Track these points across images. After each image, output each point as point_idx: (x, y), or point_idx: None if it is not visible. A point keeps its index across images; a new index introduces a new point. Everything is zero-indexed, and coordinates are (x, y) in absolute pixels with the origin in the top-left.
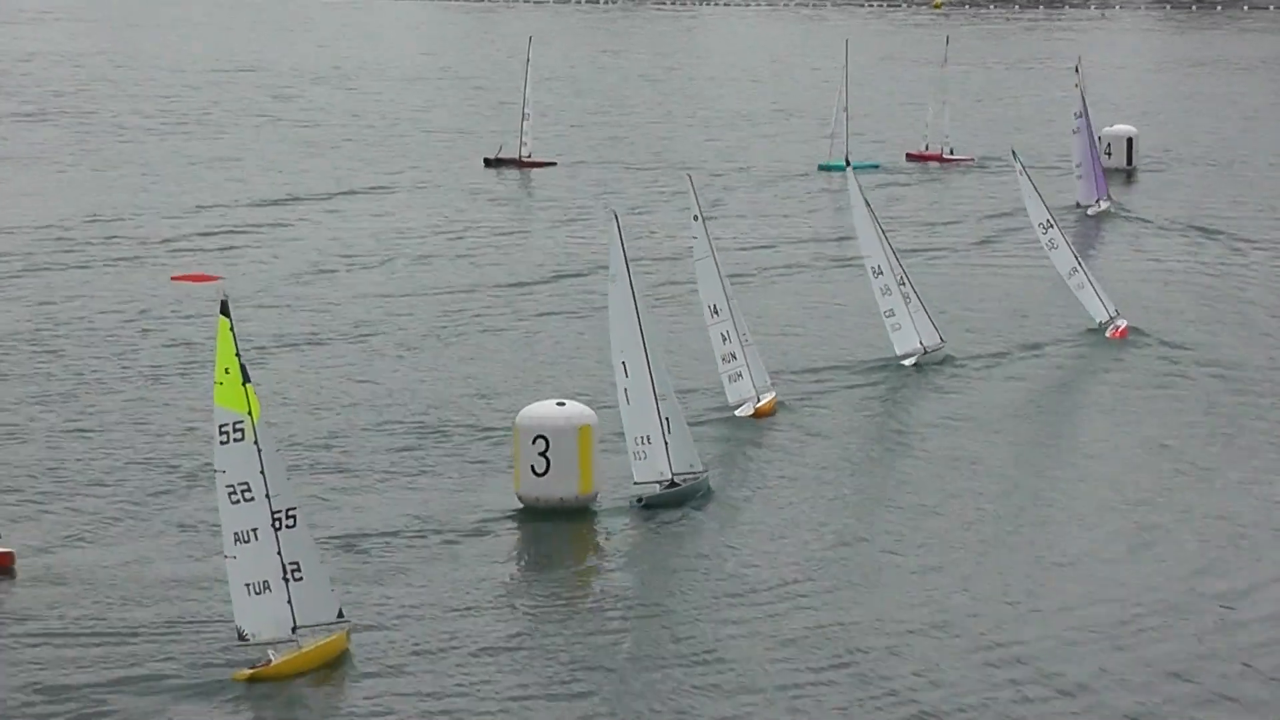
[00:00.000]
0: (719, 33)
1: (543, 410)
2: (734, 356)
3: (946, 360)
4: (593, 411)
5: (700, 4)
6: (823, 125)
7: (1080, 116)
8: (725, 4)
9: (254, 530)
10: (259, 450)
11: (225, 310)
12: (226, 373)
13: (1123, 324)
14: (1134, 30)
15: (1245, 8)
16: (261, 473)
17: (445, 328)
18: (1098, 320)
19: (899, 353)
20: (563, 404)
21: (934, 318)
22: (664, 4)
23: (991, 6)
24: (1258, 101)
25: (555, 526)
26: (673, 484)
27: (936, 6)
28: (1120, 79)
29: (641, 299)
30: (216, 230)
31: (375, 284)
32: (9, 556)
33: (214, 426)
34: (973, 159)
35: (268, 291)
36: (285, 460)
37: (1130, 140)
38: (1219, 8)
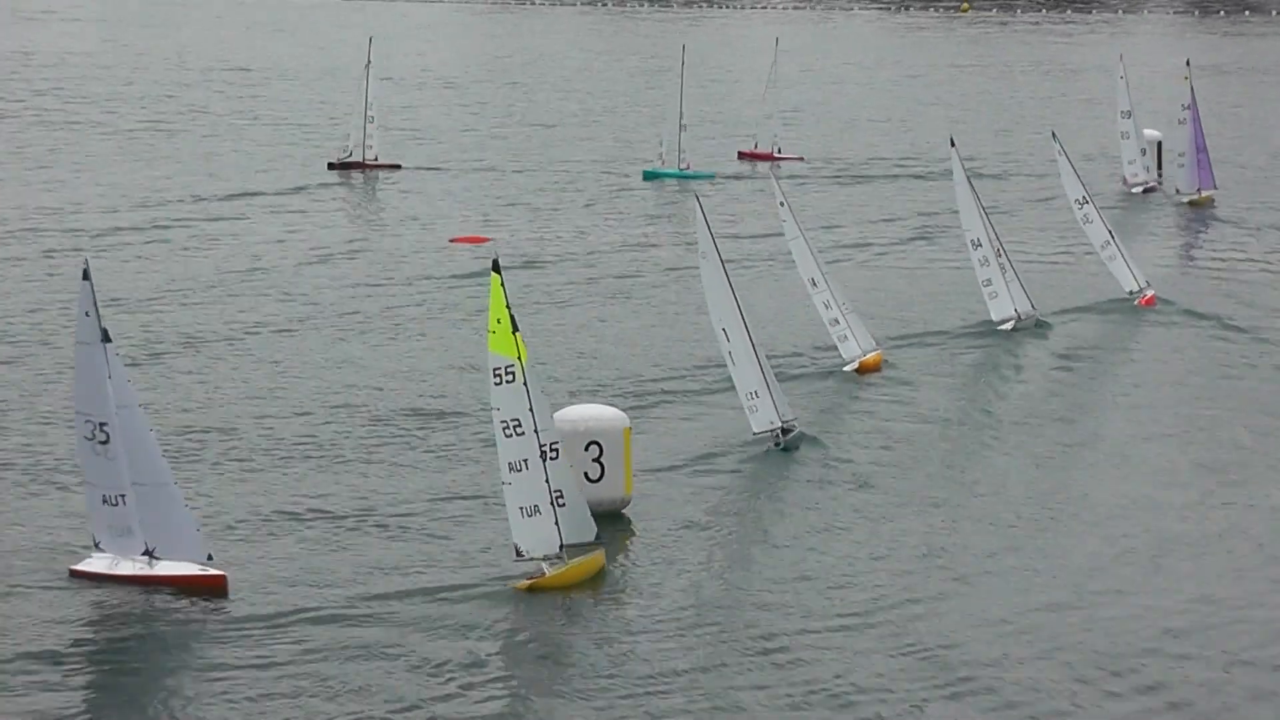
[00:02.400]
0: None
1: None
2: (838, 321)
3: (1039, 325)
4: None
5: (711, 6)
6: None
7: (1188, 109)
8: (743, 7)
9: (525, 460)
10: (527, 390)
11: (497, 268)
12: (499, 322)
13: (1151, 292)
14: (1162, 34)
15: (1275, 13)
16: (530, 410)
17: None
18: (1127, 290)
19: (995, 319)
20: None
21: (1026, 288)
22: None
23: (1018, 11)
24: None
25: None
26: (785, 430)
27: (964, 10)
28: (1149, 83)
29: (729, 272)
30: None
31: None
32: (221, 579)
33: (488, 370)
34: (802, 158)
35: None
36: (548, 400)
37: (1160, 144)
38: (1247, 13)
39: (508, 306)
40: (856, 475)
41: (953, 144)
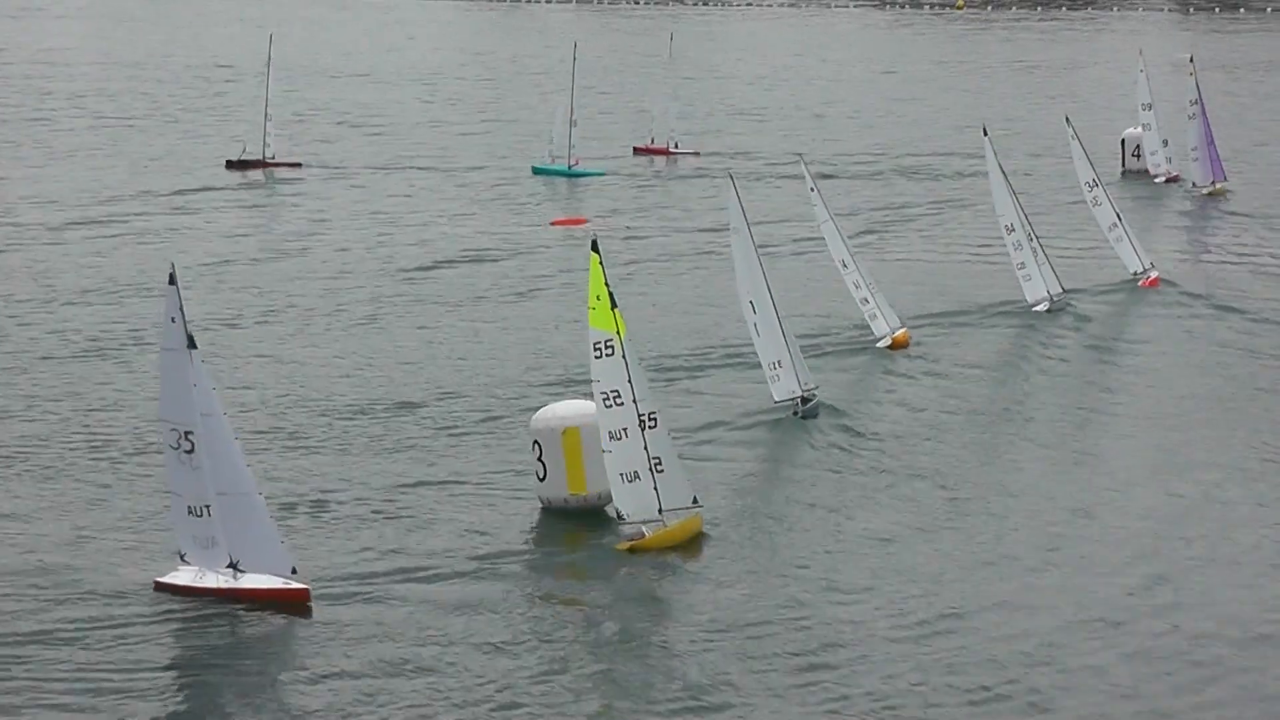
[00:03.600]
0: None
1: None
2: (867, 300)
3: (1069, 306)
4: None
5: (702, 4)
6: (546, 126)
7: (1196, 104)
8: (744, 4)
9: (624, 429)
10: (626, 363)
11: (595, 248)
12: (598, 299)
13: (1154, 274)
14: (1157, 31)
15: (1269, 10)
16: (629, 381)
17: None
18: (1132, 270)
19: (1030, 300)
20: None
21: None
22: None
23: (1014, 8)
24: None
25: None
26: (804, 399)
27: (959, 8)
28: (1136, 81)
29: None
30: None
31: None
32: (304, 592)
33: (589, 345)
34: (697, 152)
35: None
36: (646, 372)
37: (1138, 142)
38: (1241, 10)
39: (606, 284)
40: (873, 446)
41: (985, 133)
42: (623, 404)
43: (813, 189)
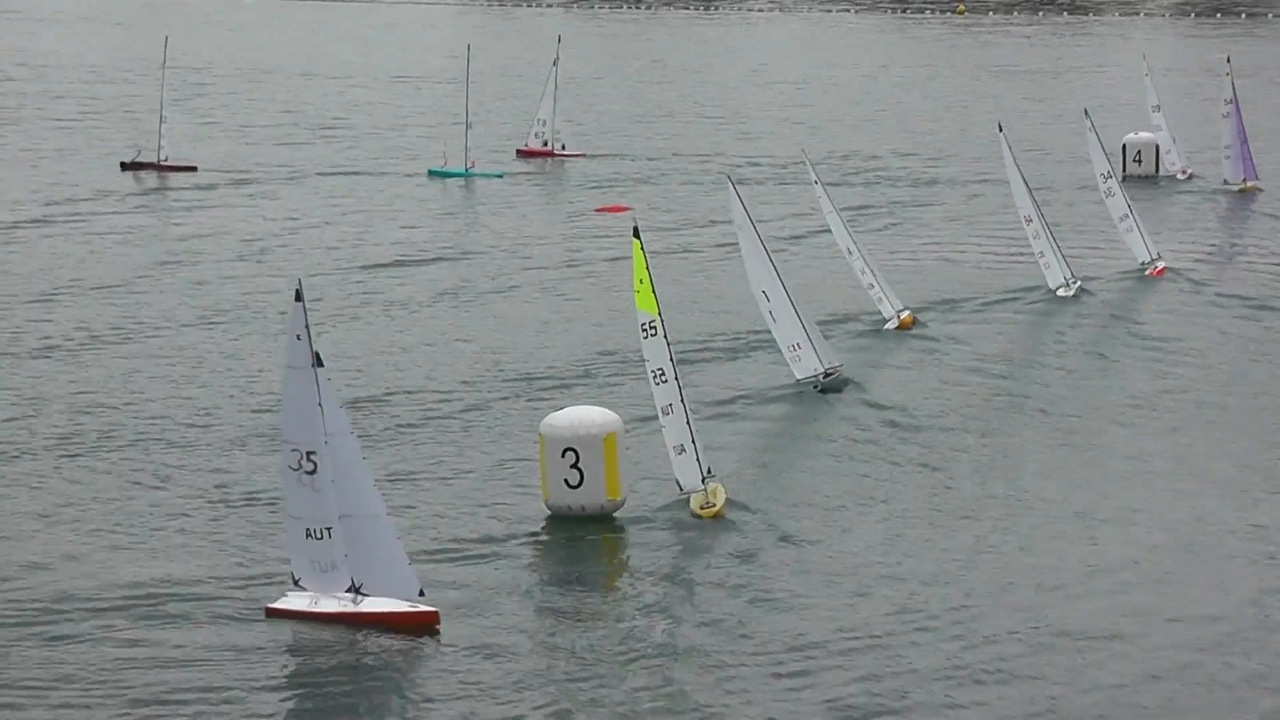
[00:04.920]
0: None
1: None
2: (873, 286)
3: (1081, 292)
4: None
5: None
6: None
7: (1231, 103)
8: (718, 7)
9: (670, 405)
10: (667, 342)
11: (637, 234)
12: (641, 283)
13: (1161, 264)
14: (1160, 37)
15: (1270, 15)
16: (670, 360)
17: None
18: (1139, 260)
19: (1051, 285)
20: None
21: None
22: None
23: (1015, 13)
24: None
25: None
26: (827, 374)
27: (960, 12)
28: (1143, 85)
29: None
30: None
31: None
32: (434, 615)
33: (637, 325)
34: (583, 154)
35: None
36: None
37: (1157, 148)
38: (1243, 15)
39: (648, 268)
40: (897, 421)
41: (1000, 129)
42: (667, 381)
43: (816, 181)
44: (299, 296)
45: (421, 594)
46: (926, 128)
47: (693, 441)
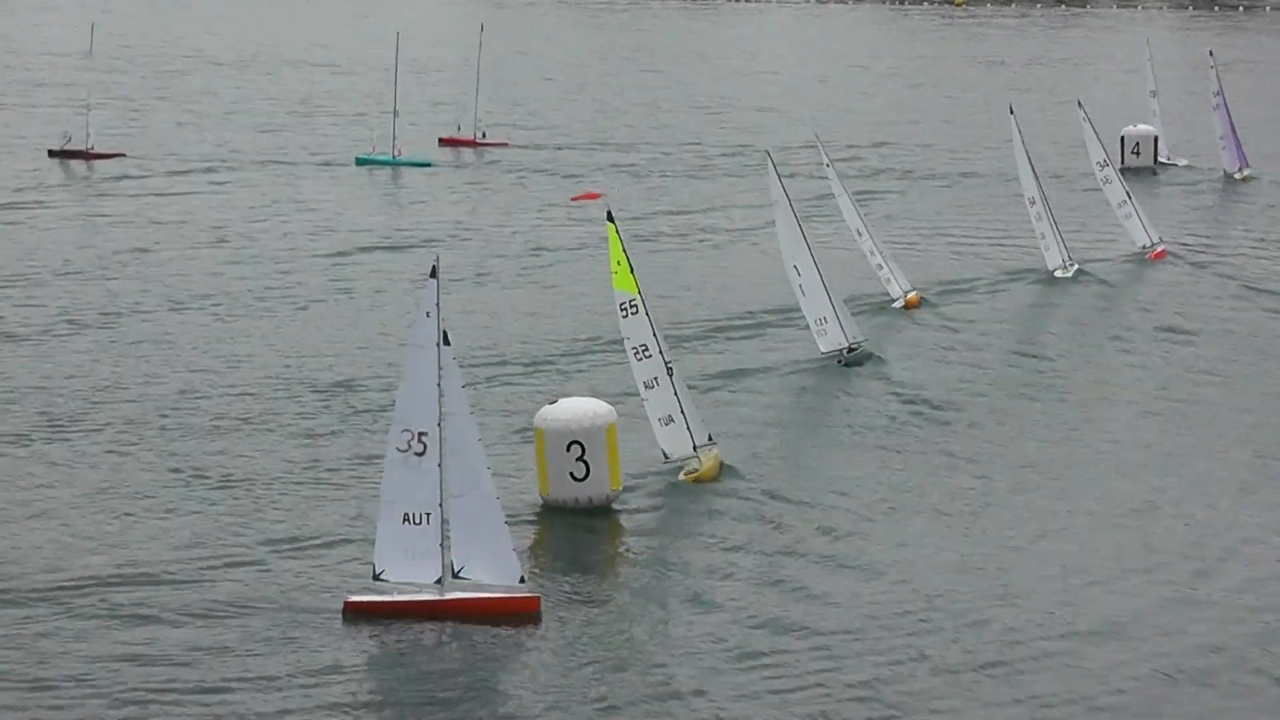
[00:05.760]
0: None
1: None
2: (881, 266)
3: (1080, 274)
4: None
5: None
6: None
7: (1218, 95)
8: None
9: (655, 378)
10: (649, 319)
11: (610, 218)
12: (619, 264)
13: (1161, 248)
14: (1154, 30)
15: (1267, 9)
16: (654, 335)
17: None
18: (1140, 244)
19: (1050, 267)
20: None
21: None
22: None
23: (1013, 4)
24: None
25: None
26: (850, 348)
27: (958, 4)
28: (1140, 79)
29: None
30: None
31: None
32: (534, 602)
33: (615, 305)
34: (507, 142)
35: None
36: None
37: (1156, 140)
38: (1240, 9)
39: (624, 250)
40: (911, 398)
41: (1011, 111)
42: (651, 355)
43: (828, 164)
44: (434, 273)
45: (522, 580)
46: (925, 116)
47: (682, 412)
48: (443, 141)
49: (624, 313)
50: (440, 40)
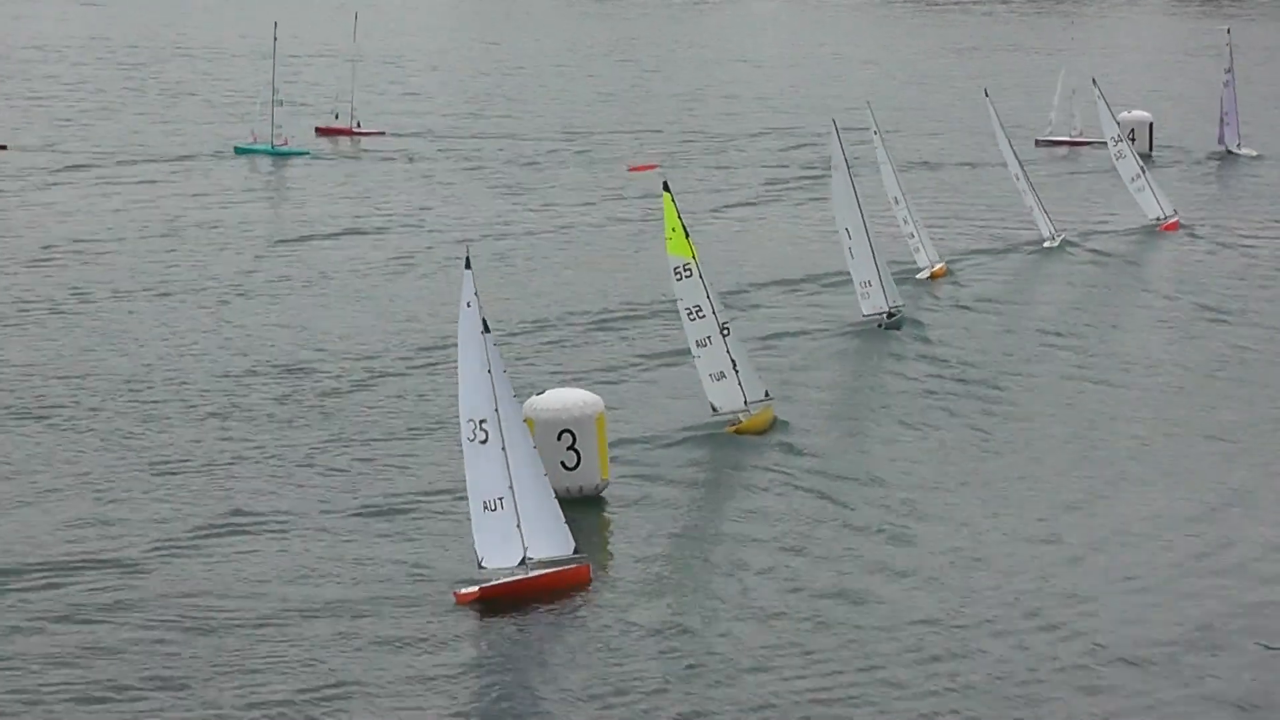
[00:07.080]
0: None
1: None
2: (913, 235)
3: (1066, 245)
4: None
5: None
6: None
7: (1229, 72)
8: None
9: (708, 337)
10: (703, 281)
11: (667, 188)
12: (674, 231)
13: (1174, 219)
14: (1145, 17)
15: None
16: (708, 298)
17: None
18: (1152, 216)
19: (1043, 235)
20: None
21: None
22: None
23: None
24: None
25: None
26: (890, 314)
27: None
28: (1135, 65)
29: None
30: None
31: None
32: (586, 570)
33: (669, 269)
34: (384, 131)
35: None
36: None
37: (1150, 126)
38: None
39: (679, 216)
40: (946, 358)
41: (986, 94)
42: (704, 316)
43: (875, 132)
44: (468, 264)
45: (577, 551)
46: (924, 103)
47: (735, 369)
48: (319, 131)
49: (678, 276)
50: (399, 30)
